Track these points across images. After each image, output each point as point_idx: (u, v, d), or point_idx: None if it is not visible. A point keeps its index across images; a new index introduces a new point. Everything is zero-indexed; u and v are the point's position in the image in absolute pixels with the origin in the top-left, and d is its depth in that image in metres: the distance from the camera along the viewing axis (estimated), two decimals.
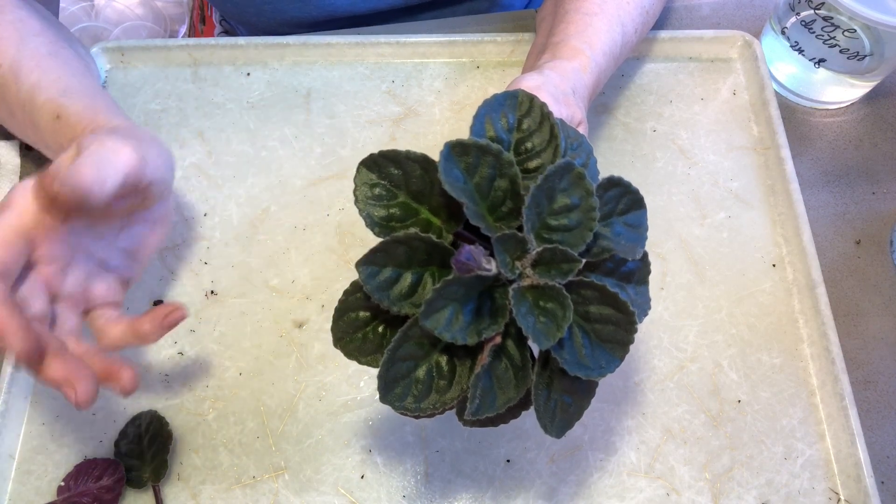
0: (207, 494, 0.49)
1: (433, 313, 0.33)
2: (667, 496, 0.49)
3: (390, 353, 0.35)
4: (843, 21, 0.59)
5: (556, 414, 0.36)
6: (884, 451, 0.52)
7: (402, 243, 0.34)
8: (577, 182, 0.35)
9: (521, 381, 0.35)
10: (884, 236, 0.60)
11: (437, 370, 0.36)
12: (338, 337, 0.37)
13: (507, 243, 0.34)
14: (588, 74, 0.51)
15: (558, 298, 0.34)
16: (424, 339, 0.35)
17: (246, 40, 0.65)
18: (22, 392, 0.52)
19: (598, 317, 0.35)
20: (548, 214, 0.35)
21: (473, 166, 0.35)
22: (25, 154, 0.63)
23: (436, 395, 0.36)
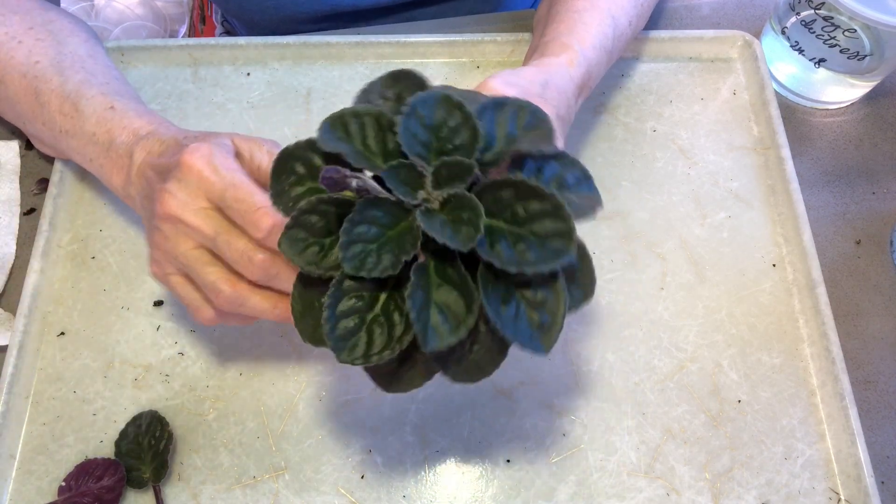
0: (208, 494, 0.49)
1: (351, 256, 0.33)
2: (667, 496, 0.49)
3: (330, 313, 0.34)
4: (844, 21, 0.59)
5: (523, 323, 0.34)
6: (884, 451, 0.52)
7: (312, 212, 0.35)
8: (449, 108, 0.36)
9: (466, 297, 0.34)
10: (884, 236, 0.60)
11: (386, 317, 0.35)
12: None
13: (398, 171, 0.34)
14: (575, 68, 0.51)
15: (464, 201, 0.33)
16: (362, 291, 0.35)
17: (246, 40, 0.65)
18: (22, 392, 0.52)
19: (528, 215, 0.34)
20: (435, 145, 0.36)
21: (357, 128, 0.36)
22: (25, 154, 0.63)
23: (395, 343, 0.35)
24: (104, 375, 0.53)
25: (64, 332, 0.54)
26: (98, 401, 0.52)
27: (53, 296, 0.55)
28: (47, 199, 0.57)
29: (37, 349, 0.53)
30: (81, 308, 0.55)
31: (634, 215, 0.59)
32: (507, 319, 0.34)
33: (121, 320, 0.55)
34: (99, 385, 0.52)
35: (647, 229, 0.59)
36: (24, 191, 0.61)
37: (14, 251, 0.58)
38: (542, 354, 0.34)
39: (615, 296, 0.56)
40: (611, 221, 0.59)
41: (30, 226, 0.60)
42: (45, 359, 0.53)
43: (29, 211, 0.60)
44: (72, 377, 0.53)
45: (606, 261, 0.57)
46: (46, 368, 0.53)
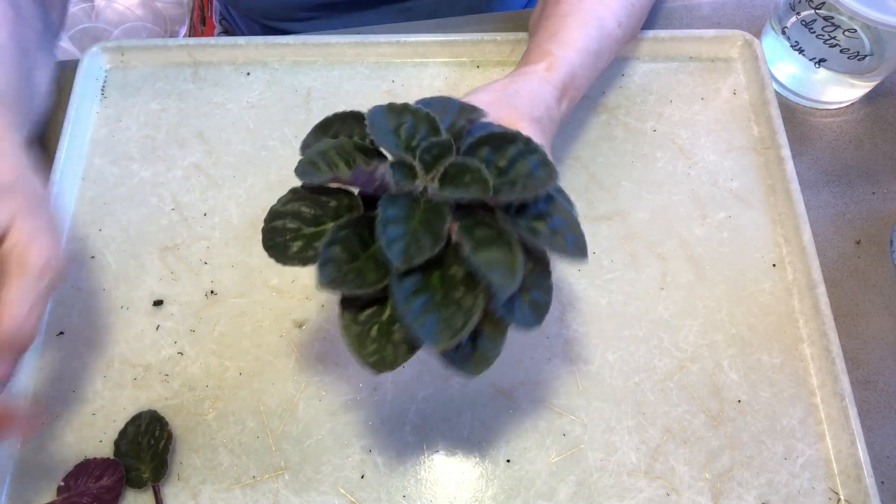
0: (207, 494, 0.49)
1: (398, 252, 0.35)
2: (667, 496, 0.49)
3: (406, 306, 0.35)
4: (844, 21, 0.59)
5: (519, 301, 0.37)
6: (884, 451, 0.52)
7: (334, 243, 0.37)
8: (398, 111, 0.39)
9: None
10: (884, 236, 0.60)
11: (447, 295, 0.36)
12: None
13: (395, 168, 0.37)
14: (554, 72, 0.52)
15: (461, 166, 0.37)
16: (417, 279, 0.36)
17: (246, 40, 0.65)
18: (22, 392, 0.52)
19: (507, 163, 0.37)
20: (404, 143, 0.39)
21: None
22: None
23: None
24: (103, 375, 0.53)
25: (63, 332, 0.54)
26: (97, 400, 0.52)
27: (53, 295, 0.55)
28: None
29: (36, 349, 0.53)
30: (81, 308, 0.55)
31: (634, 215, 0.59)
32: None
33: (120, 320, 0.55)
34: (98, 385, 0.52)
35: (646, 229, 0.59)
36: None
37: None
38: (535, 328, 0.37)
39: (615, 296, 0.56)
40: (611, 221, 0.59)
41: None
42: (45, 358, 0.53)
43: None
44: (71, 377, 0.53)
45: (606, 261, 0.57)
46: (46, 368, 0.53)
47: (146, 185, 0.60)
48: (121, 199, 0.60)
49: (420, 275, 0.36)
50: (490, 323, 0.37)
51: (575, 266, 0.57)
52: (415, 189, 0.37)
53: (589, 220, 0.59)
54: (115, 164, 0.61)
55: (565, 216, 0.39)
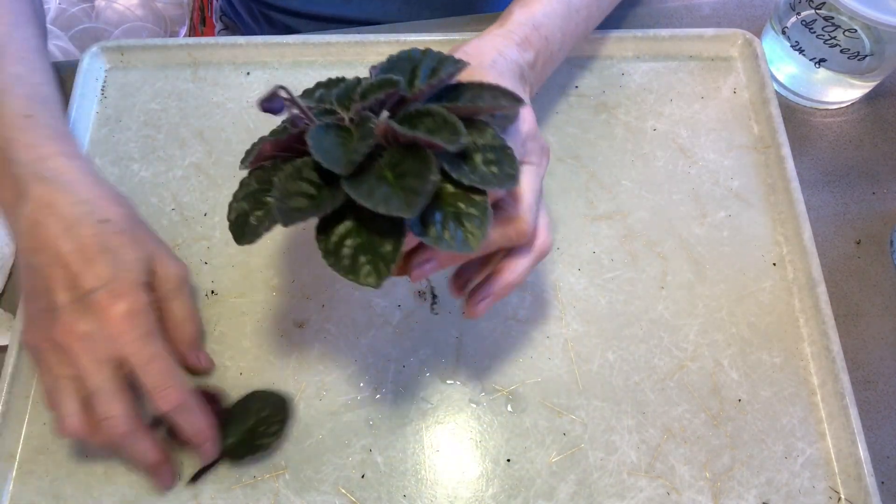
0: (208, 494, 0.49)
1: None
2: (667, 495, 0.49)
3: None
4: (844, 21, 0.59)
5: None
6: (884, 451, 0.52)
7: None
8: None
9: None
10: (884, 236, 0.60)
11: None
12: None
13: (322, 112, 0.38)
14: (508, 24, 0.51)
15: (383, 81, 0.38)
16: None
17: (246, 40, 0.65)
18: (23, 392, 0.52)
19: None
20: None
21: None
22: None
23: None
24: None
25: None
26: None
27: None
28: None
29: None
30: None
31: (634, 214, 0.59)
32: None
33: None
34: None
35: (647, 228, 0.59)
36: None
37: (14, 251, 0.58)
38: (513, 186, 0.38)
39: (615, 295, 0.56)
40: (611, 221, 0.59)
41: None
42: None
43: None
44: None
45: (606, 260, 0.57)
46: None
47: (146, 185, 0.60)
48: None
49: (370, 174, 0.36)
50: (463, 198, 0.37)
51: (575, 266, 0.57)
52: (341, 119, 0.38)
53: (589, 219, 0.59)
54: (116, 164, 0.61)
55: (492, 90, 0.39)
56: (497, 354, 0.54)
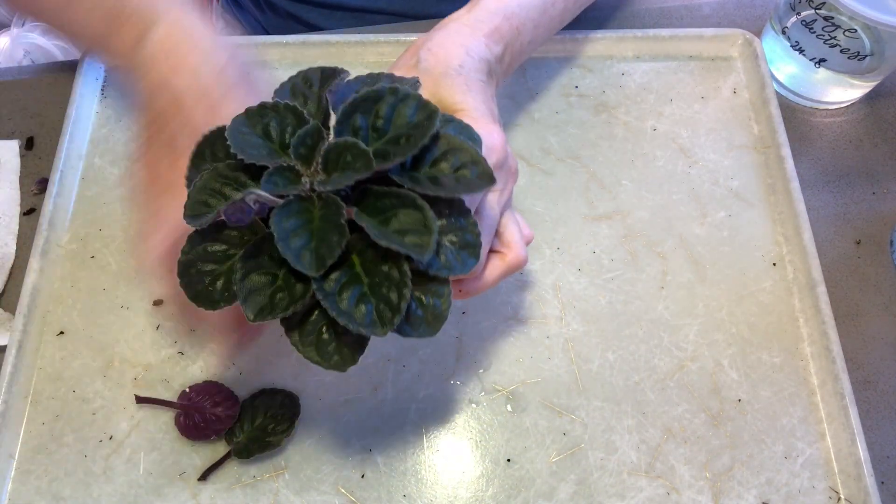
0: (208, 494, 0.49)
1: (308, 264, 0.34)
2: (667, 495, 0.49)
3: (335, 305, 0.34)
4: (844, 21, 0.59)
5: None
6: (884, 451, 0.52)
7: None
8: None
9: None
10: (884, 236, 0.60)
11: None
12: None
13: (274, 177, 0.35)
14: (477, 11, 0.49)
15: (344, 146, 0.35)
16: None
17: (246, 40, 0.65)
18: (22, 391, 0.52)
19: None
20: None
21: (267, 122, 0.37)
22: (25, 154, 0.63)
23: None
24: (104, 375, 0.53)
25: (63, 332, 0.54)
26: (97, 400, 0.52)
27: (53, 295, 0.55)
28: (47, 199, 0.57)
29: (36, 349, 0.53)
30: (81, 307, 0.55)
31: (634, 214, 0.59)
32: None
33: (120, 319, 0.55)
34: (98, 384, 0.52)
35: (647, 228, 0.59)
36: (24, 191, 0.61)
37: (14, 251, 0.58)
38: (474, 269, 0.38)
39: (615, 295, 0.56)
40: (611, 220, 0.59)
41: (29, 226, 0.60)
42: (45, 358, 0.53)
43: (29, 211, 0.60)
44: (71, 376, 0.53)
45: (606, 260, 0.57)
46: (46, 368, 0.53)
47: None
48: (121, 198, 0.60)
49: (341, 269, 0.35)
50: (428, 280, 0.36)
51: (575, 266, 0.57)
52: (303, 189, 0.35)
53: (589, 219, 0.59)
54: (115, 164, 0.61)
55: (462, 149, 0.36)
56: (497, 354, 0.54)
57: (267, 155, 0.35)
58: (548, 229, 0.58)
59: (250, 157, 0.35)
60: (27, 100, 0.66)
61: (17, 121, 0.65)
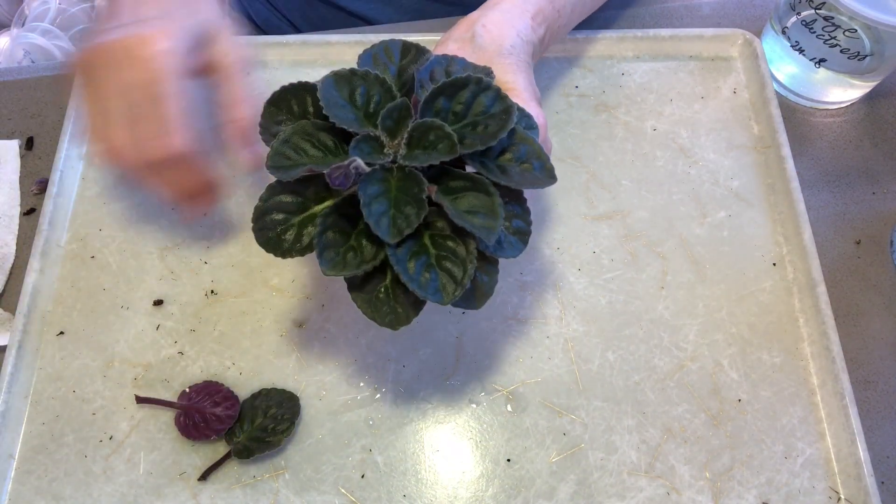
0: (208, 494, 0.49)
1: (385, 229, 0.36)
2: (667, 495, 0.49)
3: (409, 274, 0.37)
4: (844, 21, 0.59)
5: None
6: (884, 451, 0.52)
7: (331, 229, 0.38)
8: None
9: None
10: (884, 236, 0.60)
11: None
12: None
13: (360, 145, 0.38)
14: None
15: (425, 125, 0.38)
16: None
17: (245, 40, 0.65)
18: (22, 391, 0.52)
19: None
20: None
21: (354, 87, 0.39)
22: (25, 154, 0.63)
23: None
24: (104, 375, 0.53)
25: (63, 332, 0.54)
26: (97, 400, 0.52)
27: (53, 295, 0.55)
28: (47, 199, 0.57)
29: (36, 349, 0.53)
30: (81, 307, 0.55)
31: (635, 214, 0.59)
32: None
33: (120, 319, 0.55)
34: (98, 384, 0.52)
35: (647, 228, 0.59)
36: (24, 191, 0.61)
37: (14, 251, 0.58)
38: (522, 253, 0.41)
39: (615, 295, 0.56)
40: (611, 220, 0.59)
41: (29, 226, 0.60)
42: (45, 358, 0.53)
43: (29, 211, 0.60)
44: (71, 376, 0.53)
45: (606, 260, 0.57)
46: (46, 368, 0.53)
47: None
48: (121, 198, 0.60)
49: (412, 239, 0.37)
50: (482, 260, 0.39)
51: (575, 266, 0.57)
52: (385, 160, 0.38)
53: (589, 219, 0.59)
54: None
55: (528, 144, 0.39)
56: (497, 354, 0.54)
57: (354, 121, 0.38)
58: (548, 229, 0.58)
59: (340, 122, 0.37)
60: (27, 100, 0.66)
61: (16, 121, 0.65)
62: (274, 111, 0.41)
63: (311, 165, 0.37)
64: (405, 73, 0.42)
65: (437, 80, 0.42)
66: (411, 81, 0.41)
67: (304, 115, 0.41)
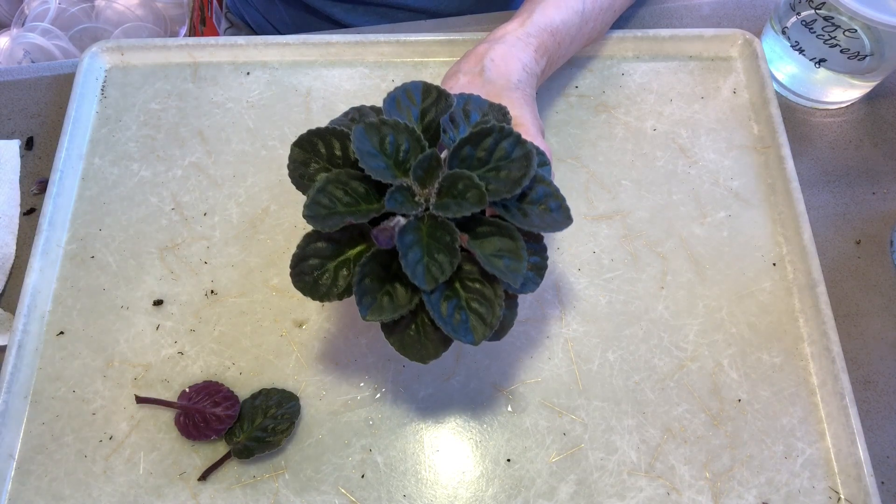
0: (207, 494, 0.49)
1: (421, 277, 0.39)
2: (667, 495, 0.49)
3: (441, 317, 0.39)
4: (844, 21, 0.59)
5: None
6: (884, 451, 0.52)
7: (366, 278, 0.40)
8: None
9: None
10: (884, 236, 0.60)
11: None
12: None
13: (395, 196, 0.40)
14: (529, 26, 0.54)
15: (455, 176, 0.40)
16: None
17: (246, 40, 0.65)
18: (22, 391, 0.52)
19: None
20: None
21: (383, 136, 0.41)
22: (25, 154, 0.63)
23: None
24: (103, 375, 0.53)
25: (63, 332, 0.54)
26: (97, 400, 0.52)
27: (53, 295, 0.55)
28: (47, 199, 0.57)
29: (36, 349, 0.53)
30: (81, 307, 0.55)
31: (635, 214, 0.59)
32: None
33: (120, 319, 0.55)
34: (98, 384, 0.52)
35: (647, 228, 0.59)
36: (24, 191, 0.61)
37: (14, 251, 0.58)
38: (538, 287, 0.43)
39: (615, 295, 0.56)
40: (611, 220, 0.59)
41: (29, 226, 0.60)
42: (45, 358, 0.53)
43: (29, 211, 0.60)
44: (71, 376, 0.53)
45: (607, 260, 0.57)
46: (46, 368, 0.53)
47: (146, 185, 0.60)
48: (121, 198, 0.60)
49: (444, 284, 0.40)
50: (505, 297, 0.41)
51: (575, 266, 0.57)
52: (418, 209, 0.40)
53: (589, 219, 0.59)
54: (115, 163, 0.61)
55: (545, 185, 0.42)
56: (497, 354, 0.54)
57: (386, 170, 0.40)
58: None
59: (375, 174, 0.39)
60: (27, 100, 0.66)
61: (16, 121, 0.65)
62: (300, 153, 0.43)
63: (349, 218, 0.39)
64: (427, 115, 0.44)
65: (457, 121, 0.44)
66: (434, 125, 0.43)
67: (330, 157, 0.43)
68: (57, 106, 0.65)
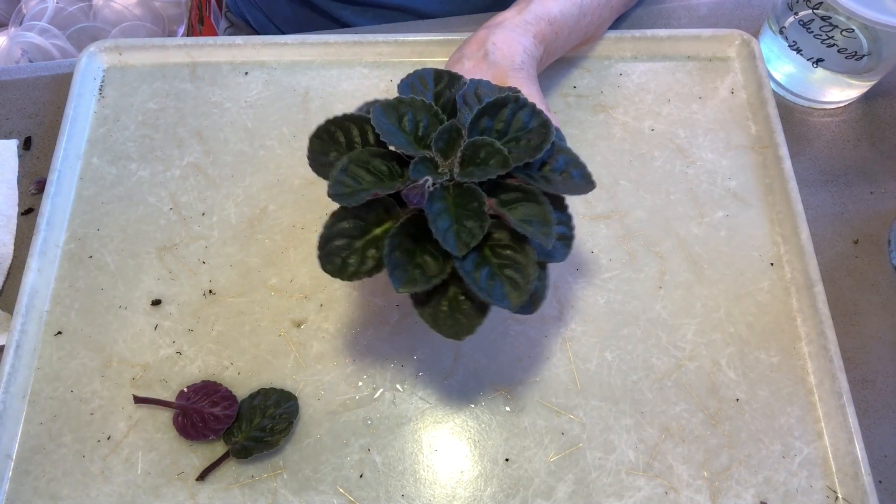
0: (206, 494, 0.49)
1: (454, 243, 0.39)
2: (665, 495, 0.49)
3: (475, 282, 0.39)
4: (841, 21, 0.59)
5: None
6: (881, 450, 0.52)
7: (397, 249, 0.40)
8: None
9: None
10: (882, 236, 0.60)
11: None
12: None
13: (418, 166, 0.40)
14: (526, 13, 0.55)
15: (477, 144, 0.41)
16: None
17: (244, 39, 0.65)
18: (20, 391, 0.52)
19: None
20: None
21: (401, 115, 0.42)
22: (23, 154, 0.63)
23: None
24: (102, 375, 0.53)
25: (61, 332, 0.54)
26: (95, 400, 0.52)
27: (51, 295, 0.55)
28: (45, 199, 0.57)
29: (34, 349, 0.53)
30: (79, 307, 0.55)
31: (633, 214, 0.59)
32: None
33: (118, 319, 0.55)
34: (96, 384, 0.52)
35: (645, 228, 0.59)
36: (22, 191, 0.61)
37: (12, 251, 0.58)
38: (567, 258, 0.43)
39: (613, 294, 0.56)
40: (609, 220, 0.59)
41: (27, 226, 0.60)
42: (43, 358, 0.53)
43: (27, 211, 0.60)
44: (69, 376, 0.53)
45: (605, 260, 0.57)
46: (44, 368, 0.53)
47: (144, 185, 0.60)
48: (119, 198, 0.60)
49: (474, 252, 0.39)
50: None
51: (573, 266, 0.57)
52: (443, 178, 0.40)
53: (587, 219, 0.59)
54: (113, 163, 0.61)
55: (565, 154, 0.42)
56: (495, 354, 0.54)
57: (408, 145, 0.41)
58: None
59: (397, 147, 0.40)
60: (25, 99, 0.66)
61: (14, 120, 0.65)
62: (320, 143, 0.43)
63: (375, 189, 0.39)
64: (442, 98, 0.44)
65: (470, 103, 0.44)
66: (450, 104, 0.44)
67: (350, 145, 0.42)
68: (55, 106, 0.65)
